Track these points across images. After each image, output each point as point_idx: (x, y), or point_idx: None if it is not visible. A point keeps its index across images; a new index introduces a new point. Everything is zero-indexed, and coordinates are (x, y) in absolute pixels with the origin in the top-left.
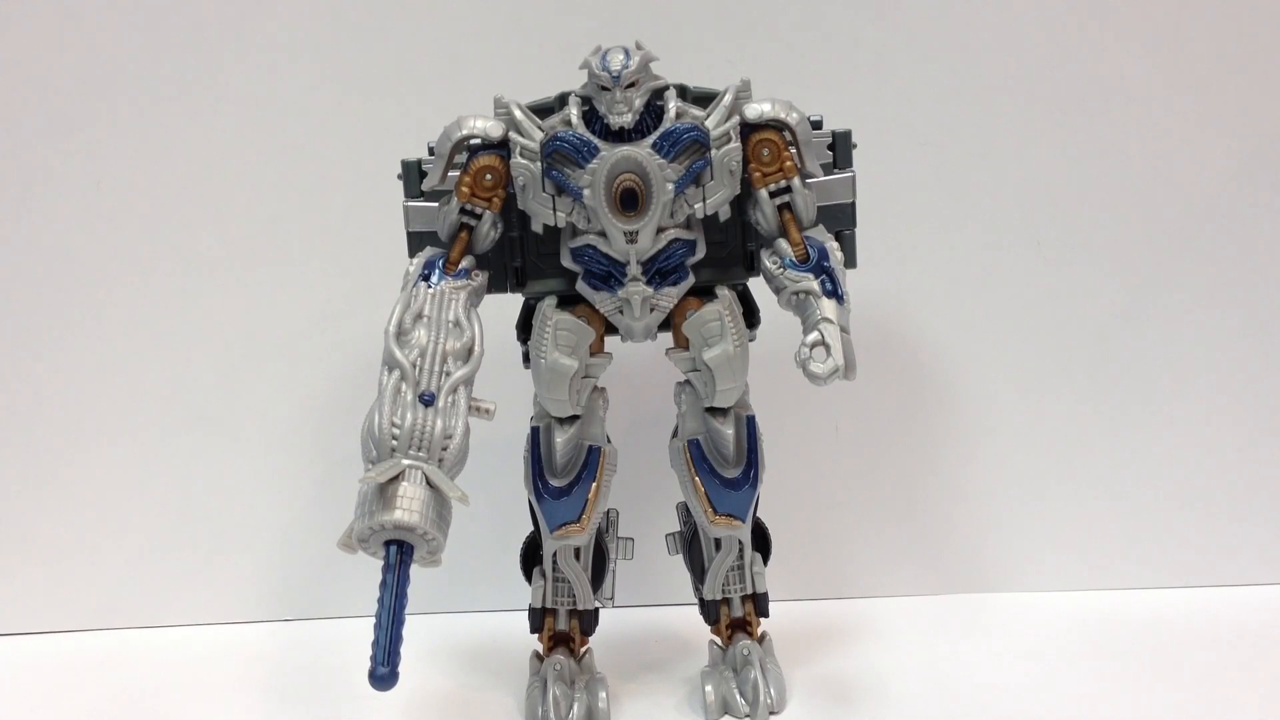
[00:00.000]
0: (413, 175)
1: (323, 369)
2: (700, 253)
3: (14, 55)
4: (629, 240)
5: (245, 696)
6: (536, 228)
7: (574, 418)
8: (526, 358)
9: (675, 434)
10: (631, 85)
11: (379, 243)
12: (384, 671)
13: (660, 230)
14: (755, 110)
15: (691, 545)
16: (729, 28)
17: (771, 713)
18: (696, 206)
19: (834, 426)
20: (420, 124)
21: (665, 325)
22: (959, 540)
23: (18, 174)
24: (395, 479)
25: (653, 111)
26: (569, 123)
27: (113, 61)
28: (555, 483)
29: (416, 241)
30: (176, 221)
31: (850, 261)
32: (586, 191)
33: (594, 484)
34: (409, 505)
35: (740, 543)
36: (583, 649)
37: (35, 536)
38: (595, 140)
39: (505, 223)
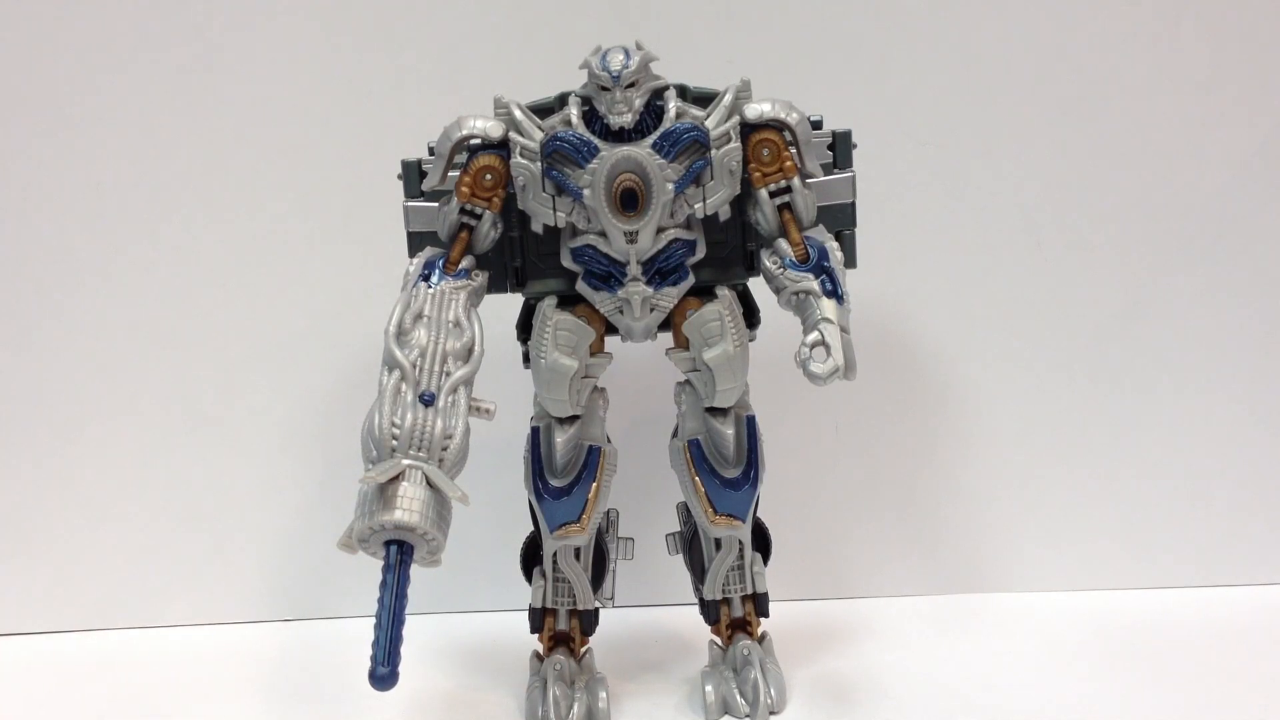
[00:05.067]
0: (413, 175)
1: (323, 369)
2: (700, 253)
3: (14, 55)
4: (629, 240)
5: (245, 696)
6: (536, 228)
7: (574, 418)
8: (526, 358)
9: (675, 434)
10: (631, 85)
11: (379, 243)
12: (384, 671)
13: (660, 230)
14: (755, 110)
15: (691, 545)
16: (729, 28)
17: (771, 713)
18: (696, 206)
19: (834, 426)
20: (420, 124)
21: (665, 325)
22: (959, 540)
23: (18, 174)
24: (395, 479)
25: (653, 111)
26: (569, 123)
27: (113, 61)
28: (555, 483)
29: (416, 241)
30: (177, 222)
31: (850, 261)
32: (586, 191)
33: (594, 484)
34: (409, 505)
35: (740, 543)
36: (583, 649)
37: (35, 536)
38: (595, 140)
39: (505, 223)
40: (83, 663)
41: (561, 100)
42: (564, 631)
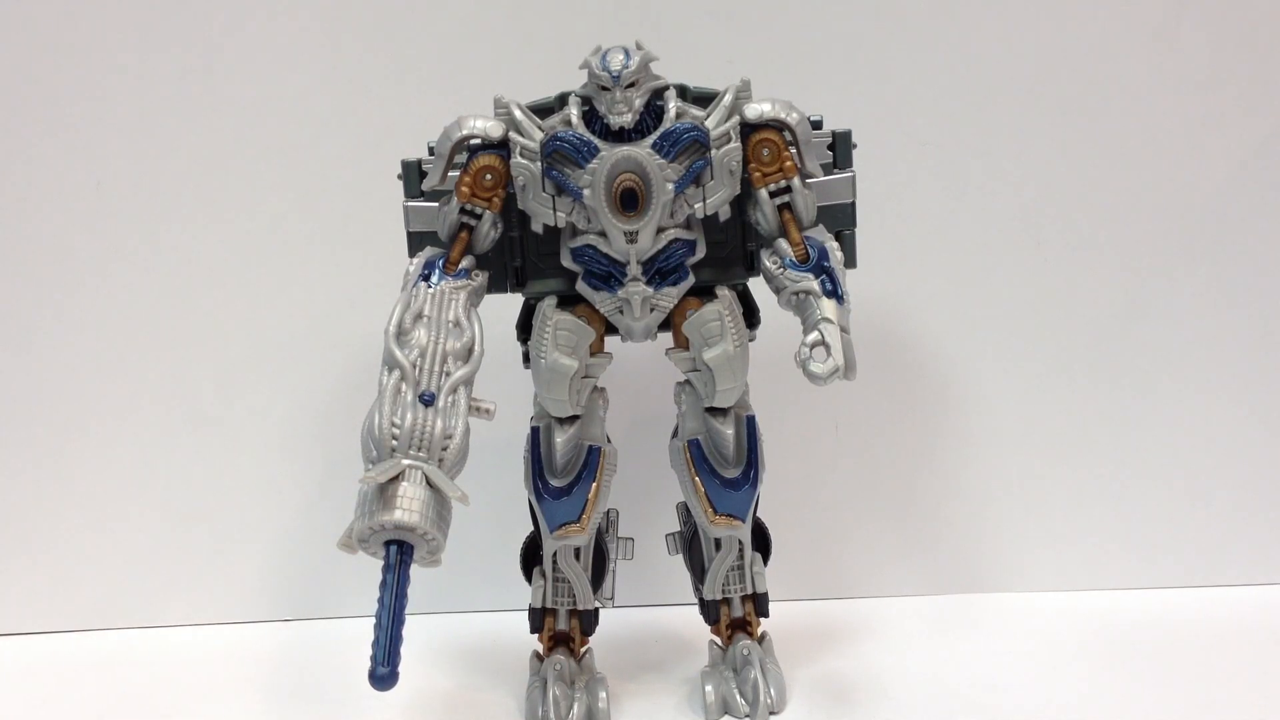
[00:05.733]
0: (413, 175)
1: (323, 369)
2: (700, 253)
3: (14, 55)
4: (629, 240)
5: (245, 696)
6: (536, 228)
7: (574, 418)
8: (526, 358)
9: (675, 434)
10: (631, 85)
11: (379, 243)
12: (384, 671)
13: (660, 230)
14: (755, 110)
15: (691, 545)
16: (729, 28)
17: (771, 713)
18: (696, 206)
19: (834, 426)
20: (420, 124)
21: (665, 325)
22: (959, 540)
23: (18, 174)
24: (395, 479)
25: (653, 111)
26: (569, 123)
27: (113, 61)
28: (555, 483)
29: (416, 241)
30: (176, 221)
31: (850, 261)
32: (586, 191)
33: (594, 484)
34: (409, 505)
35: (740, 543)
36: (583, 649)
37: (35, 536)
38: (595, 140)
39: (505, 223)
40: (83, 663)
41: (561, 100)
42: (564, 631)
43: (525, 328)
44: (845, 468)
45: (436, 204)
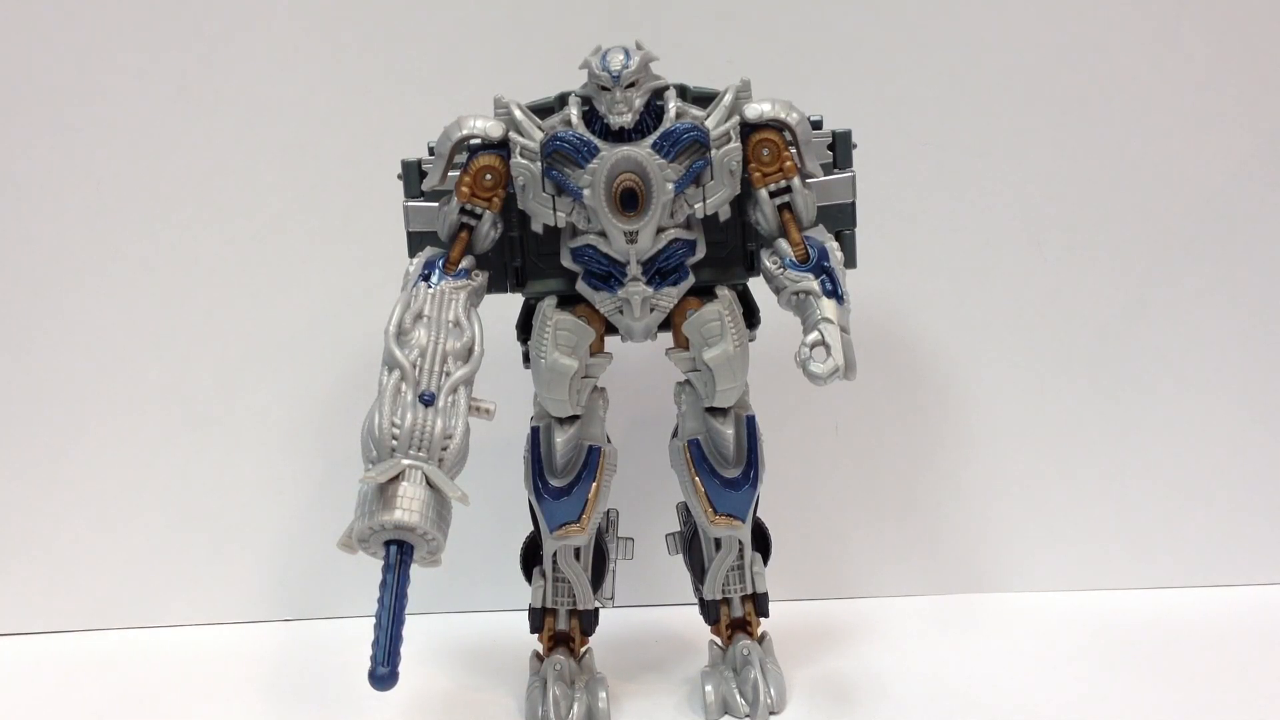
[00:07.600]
0: (413, 175)
1: (323, 369)
2: (700, 253)
3: (14, 55)
4: (629, 240)
5: (245, 696)
6: (536, 228)
7: (574, 418)
8: (526, 358)
9: (675, 434)
10: (631, 85)
11: (379, 243)
12: (384, 671)
13: (660, 230)
14: (755, 110)
15: (691, 545)
16: (729, 28)
17: (771, 713)
18: (696, 206)
19: (834, 426)
20: (420, 124)
21: (665, 325)
22: (959, 540)
23: (18, 174)
24: (395, 479)
25: (653, 111)
26: (569, 123)
27: (112, 61)
28: (555, 483)
29: (416, 241)
30: (176, 221)
31: (850, 261)
32: (586, 191)
33: (594, 484)
34: (409, 505)
35: (740, 543)
36: (583, 649)
37: (35, 536)
38: (595, 140)
39: (505, 223)
40: (83, 663)
41: (561, 100)
42: (564, 631)
43: (525, 328)
44: (845, 468)
45: (436, 204)
